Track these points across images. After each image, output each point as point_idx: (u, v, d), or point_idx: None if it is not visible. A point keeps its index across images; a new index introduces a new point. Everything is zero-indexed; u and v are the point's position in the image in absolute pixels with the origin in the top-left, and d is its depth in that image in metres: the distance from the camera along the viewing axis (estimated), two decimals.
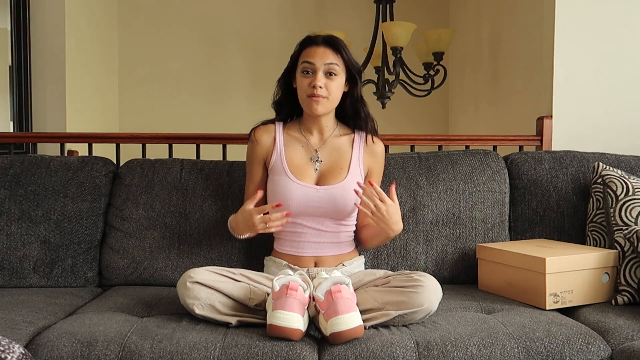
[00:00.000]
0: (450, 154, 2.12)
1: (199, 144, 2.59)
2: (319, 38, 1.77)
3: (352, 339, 1.41)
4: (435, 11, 4.20)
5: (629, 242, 1.72)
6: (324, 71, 1.73)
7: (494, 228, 2.02)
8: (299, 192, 1.74)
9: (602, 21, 2.49)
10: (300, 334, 1.41)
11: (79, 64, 3.23)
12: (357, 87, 1.81)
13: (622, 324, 1.53)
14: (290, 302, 1.41)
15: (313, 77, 1.73)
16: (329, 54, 1.74)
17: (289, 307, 1.41)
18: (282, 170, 1.78)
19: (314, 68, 1.74)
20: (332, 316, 1.40)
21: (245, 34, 4.14)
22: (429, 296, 1.51)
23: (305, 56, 1.76)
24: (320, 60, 1.73)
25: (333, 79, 1.74)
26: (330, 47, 1.75)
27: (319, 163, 1.81)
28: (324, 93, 1.73)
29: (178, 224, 2.00)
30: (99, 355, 1.38)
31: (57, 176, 2.04)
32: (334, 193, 1.75)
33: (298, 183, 1.76)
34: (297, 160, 1.80)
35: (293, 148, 1.82)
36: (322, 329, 1.44)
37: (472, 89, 3.80)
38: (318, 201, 1.75)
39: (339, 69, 1.75)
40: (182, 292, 1.54)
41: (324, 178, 1.79)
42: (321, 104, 1.74)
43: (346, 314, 1.39)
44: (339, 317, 1.39)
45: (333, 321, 1.39)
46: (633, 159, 2.11)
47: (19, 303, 1.70)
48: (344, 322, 1.39)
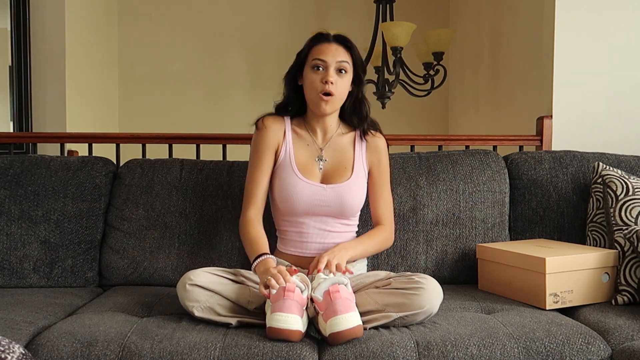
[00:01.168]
0: (450, 154, 2.12)
1: (199, 144, 2.59)
2: (330, 36, 1.78)
3: (351, 339, 1.40)
4: (435, 11, 4.21)
5: (629, 242, 1.72)
6: (335, 68, 1.74)
7: (494, 228, 2.02)
8: (307, 191, 1.74)
9: (602, 21, 2.49)
10: (300, 334, 1.41)
11: (79, 64, 3.23)
12: (361, 87, 1.82)
13: (622, 324, 1.53)
14: (288, 303, 1.41)
15: (325, 73, 1.73)
16: (341, 52, 1.75)
17: (287, 309, 1.40)
18: (290, 168, 1.78)
19: (326, 65, 1.73)
20: (330, 316, 1.40)
21: (245, 34, 4.14)
22: (430, 298, 1.50)
23: (317, 53, 1.75)
24: (333, 57, 1.73)
25: (343, 76, 1.75)
26: (342, 44, 1.76)
27: (324, 162, 1.82)
28: (333, 90, 1.73)
29: (178, 224, 2.00)
30: (99, 355, 1.38)
31: (57, 176, 2.04)
32: (340, 191, 1.76)
33: (306, 181, 1.76)
34: (304, 159, 1.80)
35: (299, 146, 1.82)
36: (322, 329, 1.44)
37: (472, 89, 3.80)
38: (325, 200, 1.75)
39: (349, 67, 1.76)
40: (181, 294, 1.54)
41: (329, 177, 1.80)
42: (330, 103, 1.75)
43: (345, 314, 1.39)
44: (338, 317, 1.39)
45: (332, 321, 1.39)
46: (633, 159, 2.11)
47: (19, 303, 1.70)
48: (343, 322, 1.38)
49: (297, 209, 1.75)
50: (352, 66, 1.77)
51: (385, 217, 1.84)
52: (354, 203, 1.78)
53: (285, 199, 1.75)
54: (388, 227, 1.84)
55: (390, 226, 1.85)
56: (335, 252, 1.66)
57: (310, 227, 1.77)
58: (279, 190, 1.77)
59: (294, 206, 1.74)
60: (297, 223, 1.77)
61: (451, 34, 3.19)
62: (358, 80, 1.80)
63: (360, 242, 1.78)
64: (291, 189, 1.75)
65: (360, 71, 1.79)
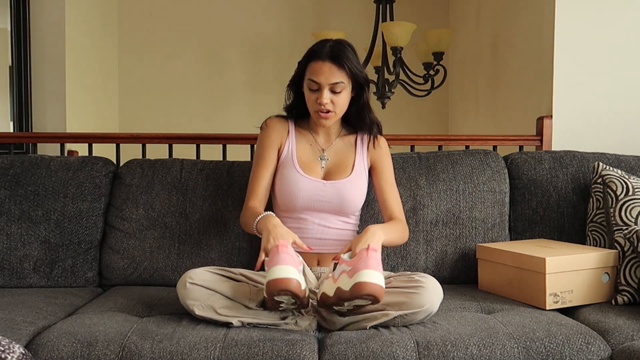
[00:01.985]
0: (450, 154, 2.12)
1: (199, 144, 2.59)
2: (324, 51, 1.74)
3: (372, 295, 1.40)
4: (435, 11, 4.21)
5: (629, 242, 1.72)
6: (329, 89, 1.74)
7: (494, 228, 2.02)
8: (307, 186, 1.77)
9: (602, 21, 2.49)
10: (298, 284, 1.41)
11: (79, 64, 3.23)
12: (363, 94, 1.81)
13: (622, 324, 1.53)
14: (283, 257, 1.44)
15: (319, 94, 1.74)
16: (334, 72, 1.72)
17: (282, 261, 1.43)
18: (292, 164, 1.81)
19: (320, 86, 1.74)
20: (362, 269, 1.41)
21: (245, 34, 4.14)
22: (430, 297, 1.51)
23: (311, 73, 1.75)
24: (326, 79, 1.73)
25: (339, 95, 1.75)
26: (335, 63, 1.73)
27: (326, 161, 1.85)
28: (330, 107, 1.75)
29: (178, 224, 2.00)
30: (99, 355, 1.38)
31: (57, 176, 2.04)
32: (340, 187, 1.79)
33: (306, 177, 1.79)
34: (306, 157, 1.84)
35: (302, 146, 1.85)
36: (342, 285, 1.43)
37: (472, 89, 3.80)
38: (325, 195, 1.78)
39: (344, 85, 1.75)
40: (181, 293, 1.55)
41: (330, 174, 1.83)
42: (329, 119, 1.78)
43: (377, 271, 1.42)
44: (370, 270, 1.41)
45: (363, 272, 1.40)
46: (633, 159, 2.11)
47: (19, 303, 1.70)
48: (374, 276, 1.40)
49: (297, 204, 1.77)
50: (348, 80, 1.75)
51: (399, 212, 1.85)
52: (353, 200, 1.80)
53: (286, 194, 1.78)
54: (403, 219, 1.85)
55: (405, 221, 1.86)
56: (369, 236, 1.59)
57: (310, 223, 1.79)
58: (280, 185, 1.80)
59: (295, 201, 1.77)
60: (298, 219, 1.80)
61: (451, 34, 3.19)
62: (359, 88, 1.80)
63: (389, 227, 1.74)
64: (292, 184, 1.77)
65: (361, 80, 1.78)
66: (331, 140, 1.88)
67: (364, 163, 1.86)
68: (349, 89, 1.77)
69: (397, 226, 1.79)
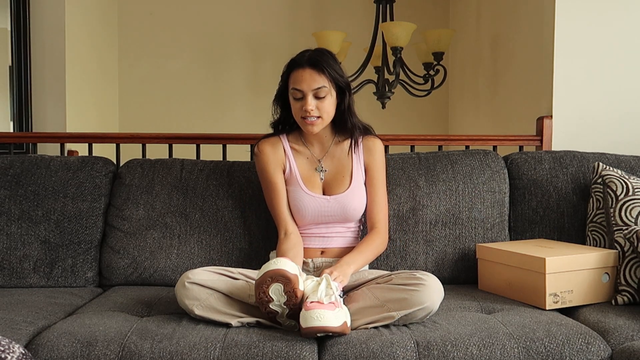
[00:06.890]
0: (450, 154, 2.12)
1: (199, 144, 2.59)
2: (304, 59, 1.77)
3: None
4: (435, 11, 4.20)
5: (629, 242, 1.72)
6: (313, 95, 1.75)
7: (494, 228, 2.02)
8: (312, 204, 1.81)
9: (602, 21, 2.49)
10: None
11: (79, 63, 3.23)
12: (345, 99, 1.82)
13: (622, 324, 1.53)
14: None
15: (304, 101, 1.76)
16: (315, 77, 1.74)
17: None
18: (296, 181, 1.84)
19: (303, 94, 1.76)
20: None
21: (245, 34, 4.14)
22: (431, 295, 1.51)
23: (293, 82, 1.77)
24: (308, 86, 1.74)
25: (323, 100, 1.76)
26: (315, 68, 1.75)
27: (324, 172, 1.87)
28: (316, 114, 1.77)
29: (178, 224, 2.00)
30: (99, 355, 1.38)
31: (57, 176, 2.04)
32: (342, 201, 1.82)
33: (311, 195, 1.82)
34: (305, 172, 1.86)
35: (301, 161, 1.87)
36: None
37: (472, 89, 3.80)
38: (329, 210, 1.82)
39: (327, 89, 1.76)
40: (181, 293, 1.55)
41: (330, 187, 1.85)
42: (316, 125, 1.79)
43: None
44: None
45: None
46: (633, 159, 2.11)
47: (19, 303, 1.70)
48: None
49: (305, 221, 1.83)
50: (331, 85, 1.77)
51: (379, 220, 1.87)
52: (357, 210, 1.85)
53: (294, 211, 1.83)
54: (382, 230, 1.87)
55: (384, 229, 1.87)
56: (339, 271, 1.64)
57: (314, 229, 1.85)
58: (289, 203, 1.85)
59: (303, 219, 1.83)
60: (303, 227, 1.85)
61: (451, 34, 3.19)
62: (342, 93, 1.81)
63: (360, 253, 1.78)
64: (298, 202, 1.82)
65: (342, 85, 1.79)
66: (326, 149, 1.88)
67: (361, 168, 1.88)
68: (333, 94, 1.79)
69: (371, 245, 1.81)
